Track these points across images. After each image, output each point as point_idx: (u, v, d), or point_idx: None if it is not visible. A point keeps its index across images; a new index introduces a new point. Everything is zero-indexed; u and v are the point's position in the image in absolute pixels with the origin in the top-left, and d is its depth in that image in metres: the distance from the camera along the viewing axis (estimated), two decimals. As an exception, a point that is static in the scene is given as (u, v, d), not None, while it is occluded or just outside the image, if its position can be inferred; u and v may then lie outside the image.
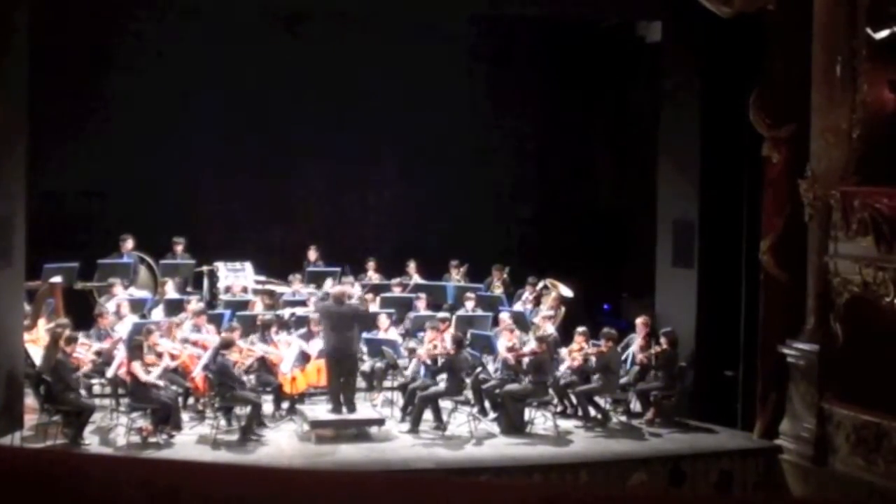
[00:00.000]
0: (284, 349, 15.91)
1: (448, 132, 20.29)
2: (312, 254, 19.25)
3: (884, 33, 14.73)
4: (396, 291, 18.37)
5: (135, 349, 14.70)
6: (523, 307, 18.15)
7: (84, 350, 14.99)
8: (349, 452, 14.65)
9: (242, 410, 15.09)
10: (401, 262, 19.38)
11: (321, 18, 19.95)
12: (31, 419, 15.03)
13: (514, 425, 15.64)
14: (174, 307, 16.71)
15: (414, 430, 15.41)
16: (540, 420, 16.00)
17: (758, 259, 15.95)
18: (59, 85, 18.52)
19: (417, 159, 20.60)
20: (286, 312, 17.01)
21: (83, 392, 14.96)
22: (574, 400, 16.55)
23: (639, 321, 16.94)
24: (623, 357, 16.70)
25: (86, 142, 19.22)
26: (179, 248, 18.57)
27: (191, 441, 14.78)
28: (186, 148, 19.49)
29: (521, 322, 17.13)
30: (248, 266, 18.36)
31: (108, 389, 15.69)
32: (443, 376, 15.70)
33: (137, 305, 16.96)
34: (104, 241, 18.57)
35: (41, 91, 15.77)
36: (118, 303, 16.60)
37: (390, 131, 20.36)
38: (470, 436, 15.40)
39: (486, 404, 16.15)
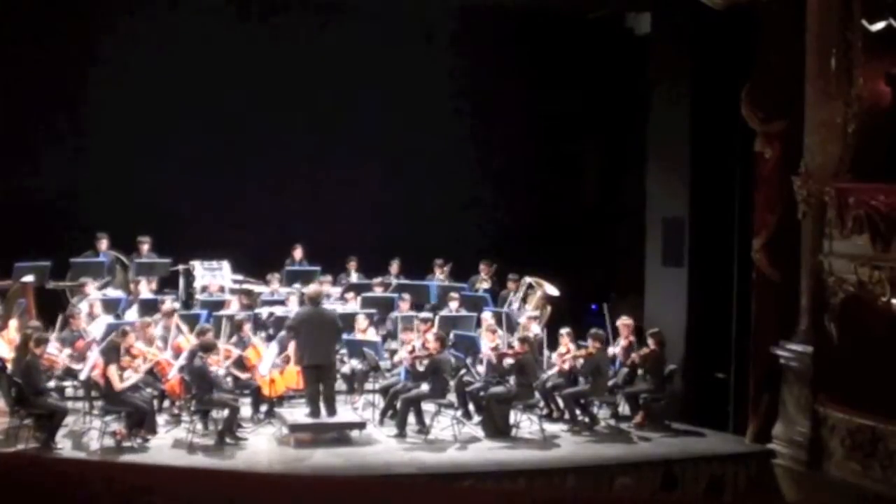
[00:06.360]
0: (263, 349, 15.64)
1: (432, 129, 20.06)
2: (298, 253, 19.02)
3: (880, 25, 14.58)
4: (378, 291, 18.11)
5: (110, 352, 14.50)
6: (508, 307, 17.90)
7: (56, 350, 14.78)
8: (329, 457, 14.42)
9: (219, 414, 14.91)
10: (383, 262, 19.10)
11: (302, 17, 19.85)
12: (1, 423, 14.77)
13: (498, 429, 15.49)
14: (148, 307, 16.39)
15: (401, 434, 15.23)
16: (525, 423, 15.87)
17: (750, 258, 15.82)
18: (32, 84, 18.42)
19: (400, 156, 20.38)
20: (264, 312, 16.75)
21: (55, 395, 14.77)
22: (561, 403, 16.28)
23: (621, 322, 16.68)
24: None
25: (59, 140, 19.05)
26: (145, 248, 18.39)
27: (166, 445, 14.57)
28: (163, 146, 19.30)
29: (506, 322, 16.84)
30: (225, 265, 18.10)
31: (81, 392, 15.52)
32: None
33: (111, 306, 16.65)
34: (78, 240, 18.43)
35: (14, 90, 15.63)
36: (90, 303, 16.40)
37: (373, 128, 20.18)
38: (453, 439, 15.21)
39: (471, 407, 15.99)
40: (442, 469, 14.08)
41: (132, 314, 16.63)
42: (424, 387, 15.36)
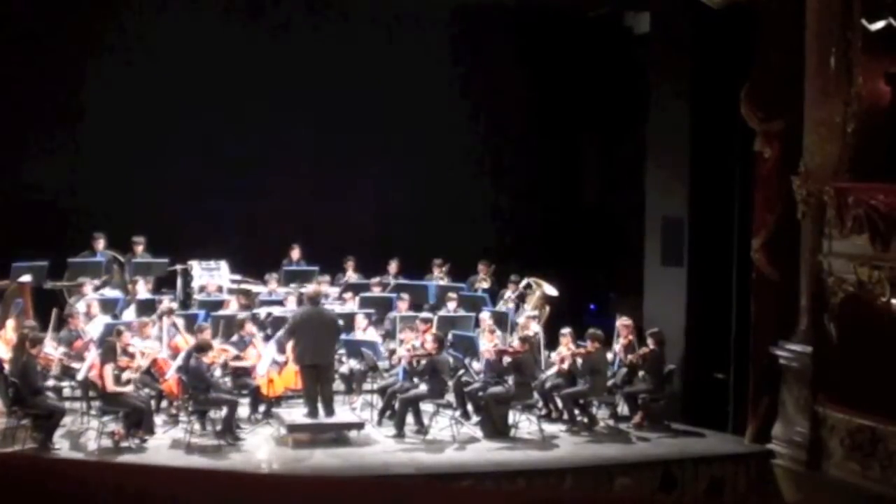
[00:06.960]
0: (262, 348, 15.59)
1: (430, 128, 19.99)
2: (295, 253, 18.95)
3: (879, 24, 14.53)
4: (376, 291, 18.03)
5: (107, 352, 14.45)
6: (506, 307, 17.85)
7: (52, 350, 14.72)
8: (327, 457, 14.38)
9: (217, 414, 14.85)
10: (383, 261, 19.03)
11: (301, 16, 19.82)
12: (-2, 423, 14.72)
13: (497, 429, 15.43)
14: (146, 307, 16.35)
15: (399, 434, 15.20)
16: (524, 424, 15.81)
17: (749, 257, 15.73)
18: (30, 83, 18.35)
19: (399, 156, 20.28)
20: (262, 312, 16.70)
21: (53, 395, 14.72)
22: (559, 403, 16.23)
23: (620, 322, 16.62)
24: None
25: (56, 139, 18.95)
26: (140, 248, 18.29)
27: (164, 445, 14.53)
28: (161, 145, 19.22)
29: (504, 322, 16.80)
30: (223, 265, 18.03)
31: (78, 392, 15.46)
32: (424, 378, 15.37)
33: (109, 306, 16.62)
34: (75, 239, 18.29)
35: (13, 89, 15.56)
36: (88, 303, 16.35)
37: (372, 128, 20.06)
38: (452, 440, 15.16)
39: (469, 407, 15.94)
40: (440, 469, 14.04)
41: (130, 314, 16.57)
42: (423, 387, 15.32)
